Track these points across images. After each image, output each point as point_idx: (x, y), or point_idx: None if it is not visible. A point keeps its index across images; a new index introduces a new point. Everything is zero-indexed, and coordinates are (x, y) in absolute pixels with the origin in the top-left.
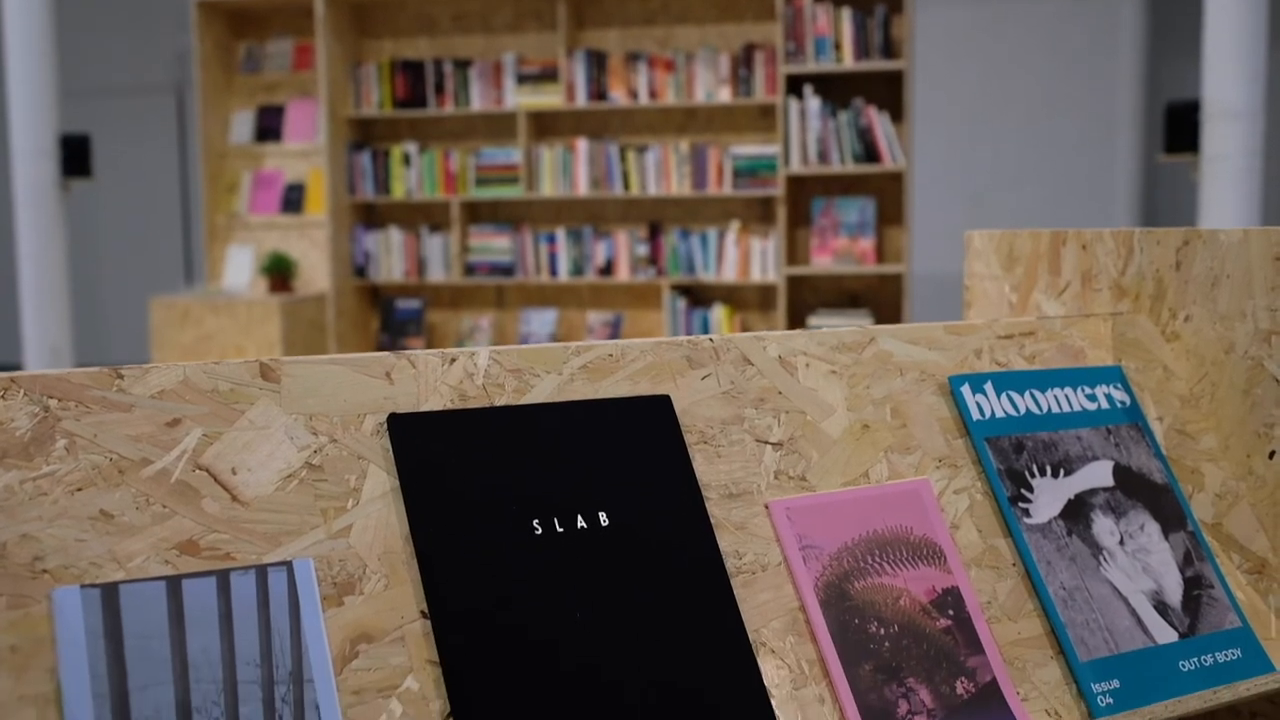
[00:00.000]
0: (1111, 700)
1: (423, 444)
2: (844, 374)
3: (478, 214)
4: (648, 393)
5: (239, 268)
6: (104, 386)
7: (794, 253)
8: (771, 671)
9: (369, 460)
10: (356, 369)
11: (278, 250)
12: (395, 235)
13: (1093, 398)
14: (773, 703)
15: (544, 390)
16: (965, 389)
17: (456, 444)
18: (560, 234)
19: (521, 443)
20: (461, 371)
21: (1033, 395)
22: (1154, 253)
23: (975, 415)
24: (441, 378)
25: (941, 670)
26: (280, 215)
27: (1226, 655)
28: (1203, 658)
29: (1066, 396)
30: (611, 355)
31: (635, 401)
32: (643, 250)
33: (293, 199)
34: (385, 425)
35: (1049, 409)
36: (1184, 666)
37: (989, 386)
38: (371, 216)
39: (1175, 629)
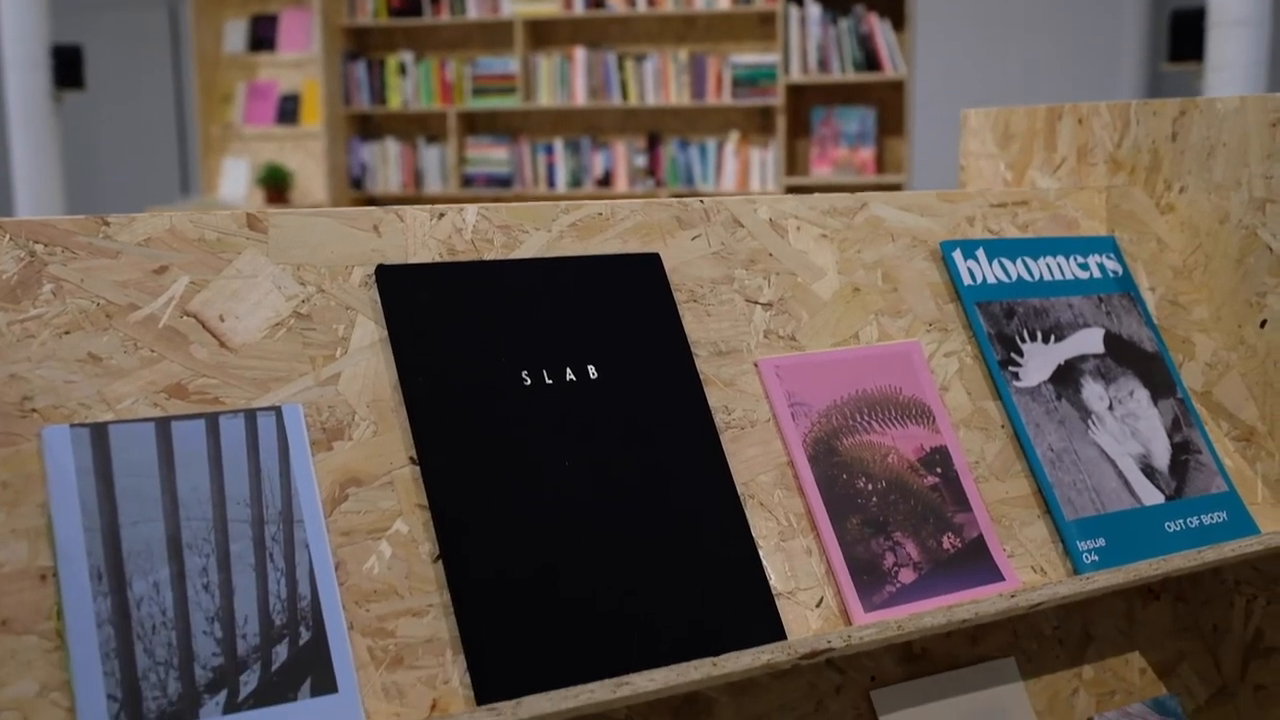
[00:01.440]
0: (1097, 558)
1: (411, 295)
2: (835, 238)
3: (475, 125)
4: (637, 251)
5: (235, 179)
6: (90, 233)
7: (793, 163)
8: (760, 523)
9: (357, 310)
10: (344, 221)
11: (273, 162)
12: (392, 147)
13: (1085, 267)
14: (760, 553)
15: (533, 246)
16: (957, 254)
17: (445, 296)
18: (558, 145)
19: (510, 296)
20: (450, 227)
21: (1024, 263)
22: (1150, 124)
23: (966, 280)
24: (430, 232)
25: (928, 525)
26: (275, 126)
27: (1212, 518)
28: (1188, 519)
29: (1059, 265)
30: (601, 214)
31: (625, 259)
32: (641, 161)
33: (288, 110)
34: (373, 277)
35: (1041, 276)
36: (1170, 527)
37: (981, 253)
38: (368, 128)
39: (1162, 491)
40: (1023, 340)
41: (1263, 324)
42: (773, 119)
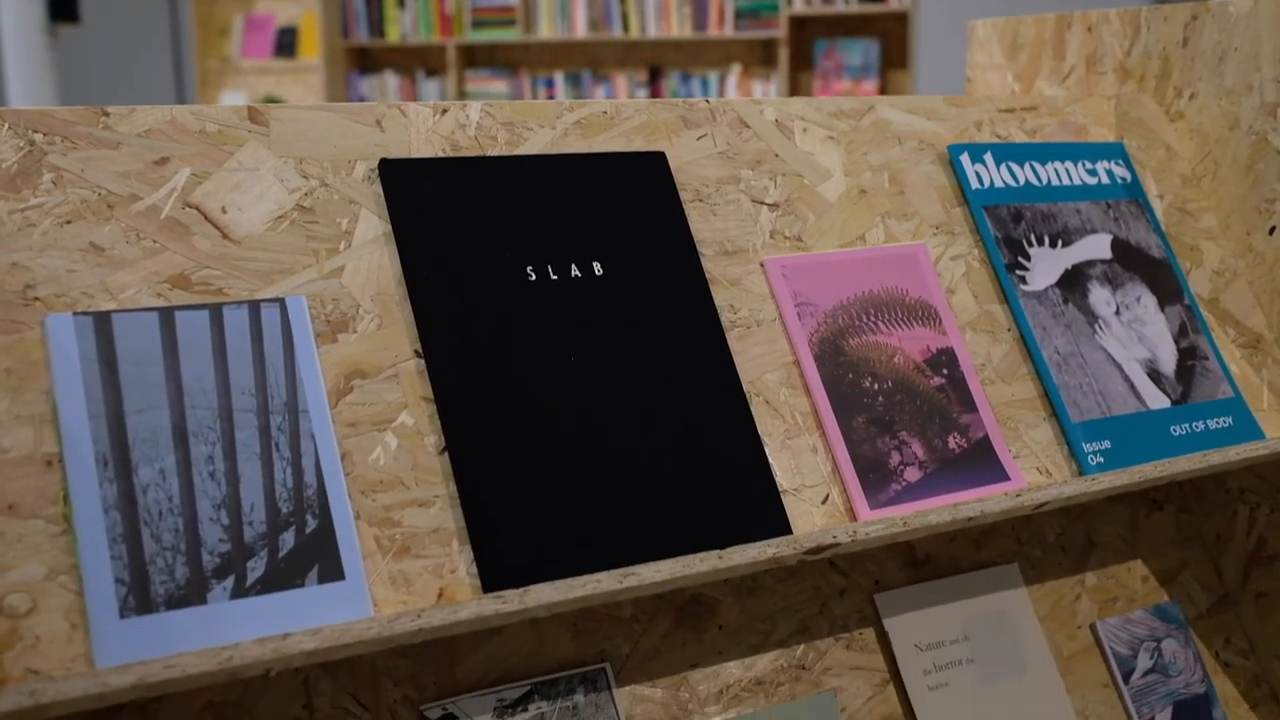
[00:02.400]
0: (1102, 459)
1: (415, 189)
2: (842, 140)
3: (474, 58)
4: (642, 150)
5: None
6: (90, 123)
7: (796, 96)
8: (765, 421)
9: (360, 205)
10: (346, 116)
11: (271, 95)
12: (391, 80)
13: (1093, 173)
14: (766, 451)
15: (537, 143)
16: (964, 158)
17: (449, 190)
18: (559, 79)
19: (514, 192)
20: (454, 123)
21: (1033, 167)
22: (1161, 30)
23: (974, 184)
24: (433, 128)
25: (934, 425)
26: (273, 60)
27: (1218, 423)
28: (1194, 424)
29: (1067, 170)
30: (606, 113)
31: (630, 157)
32: (642, 95)
33: (285, 43)
34: (376, 171)
35: (1049, 181)
36: (1175, 431)
37: (988, 157)
38: (366, 61)
39: (1168, 396)
40: (1030, 244)
41: (1271, 230)
42: (775, 51)
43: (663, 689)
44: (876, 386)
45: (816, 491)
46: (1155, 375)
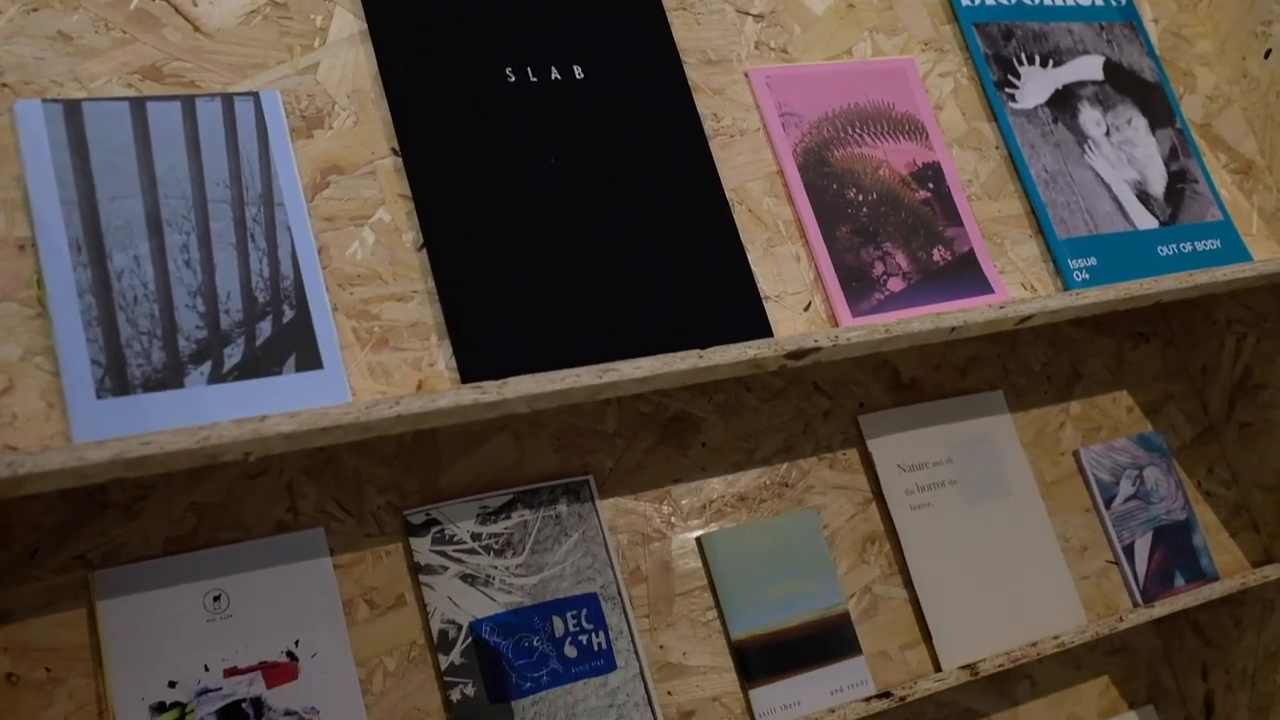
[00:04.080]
0: (1088, 276)
1: None
2: None
3: None
4: None
5: None
6: None
7: None
8: (748, 229)
9: (335, 1)
10: None
11: None
12: None
13: None
14: (749, 258)
15: None
16: None
17: None
18: None
19: None
20: None
21: None
22: None
23: (965, 0)
24: None
25: (919, 237)
26: None
27: (1206, 245)
28: (1181, 245)
29: None
30: None
31: None
32: None
33: None
34: None
35: (1041, 0)
36: (1162, 251)
37: None
38: None
39: (1156, 217)
40: (1020, 63)
41: (1267, 54)
42: None
43: (645, 502)
44: (861, 198)
45: (799, 299)
46: (1144, 196)
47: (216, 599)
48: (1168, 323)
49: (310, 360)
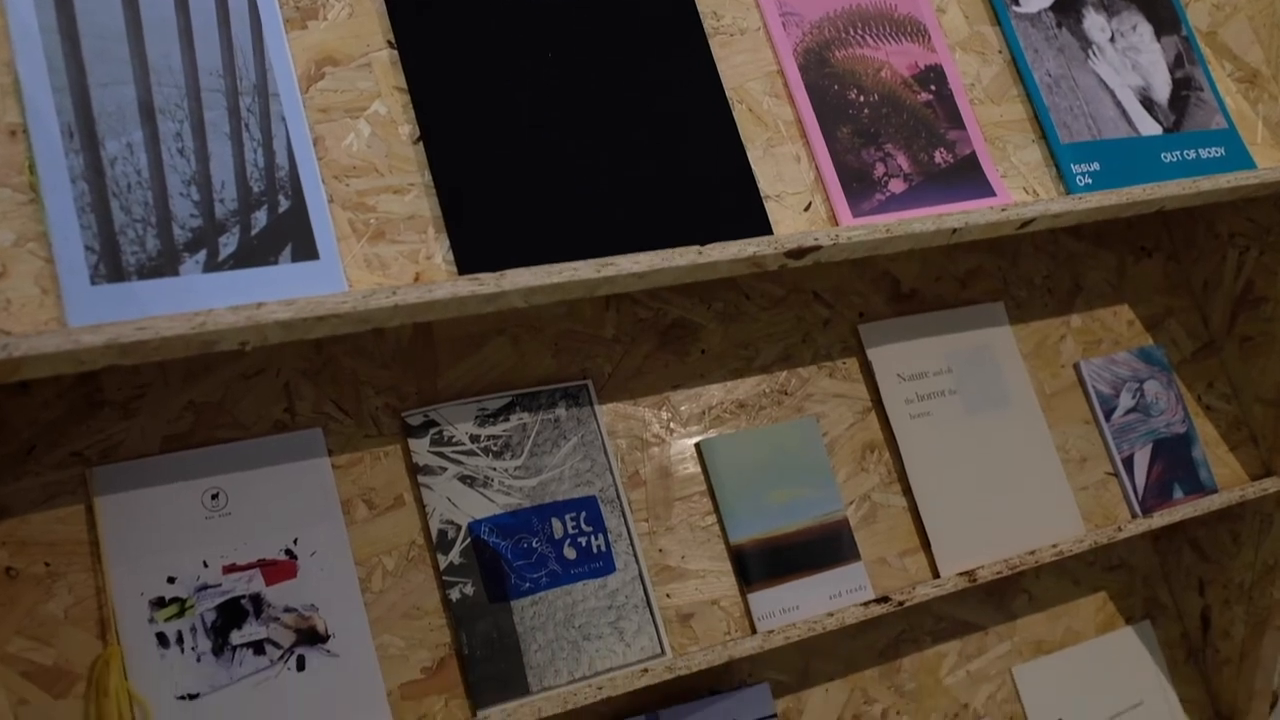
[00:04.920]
0: (1090, 181)
1: None
2: None
3: None
4: None
5: None
6: None
7: None
8: (748, 128)
9: None
10: None
11: None
12: None
13: None
14: (749, 157)
15: None
16: None
17: None
18: None
19: None
20: None
21: None
22: None
23: None
24: None
25: (920, 140)
26: None
27: (1210, 152)
28: (1185, 152)
29: None
30: None
31: None
32: None
33: None
34: None
35: None
36: (1166, 158)
37: None
38: None
39: (1160, 123)
40: None
41: None
42: None
43: (644, 407)
44: (862, 99)
45: (799, 199)
46: (1148, 103)
47: (215, 497)
48: (1170, 237)
49: (306, 251)
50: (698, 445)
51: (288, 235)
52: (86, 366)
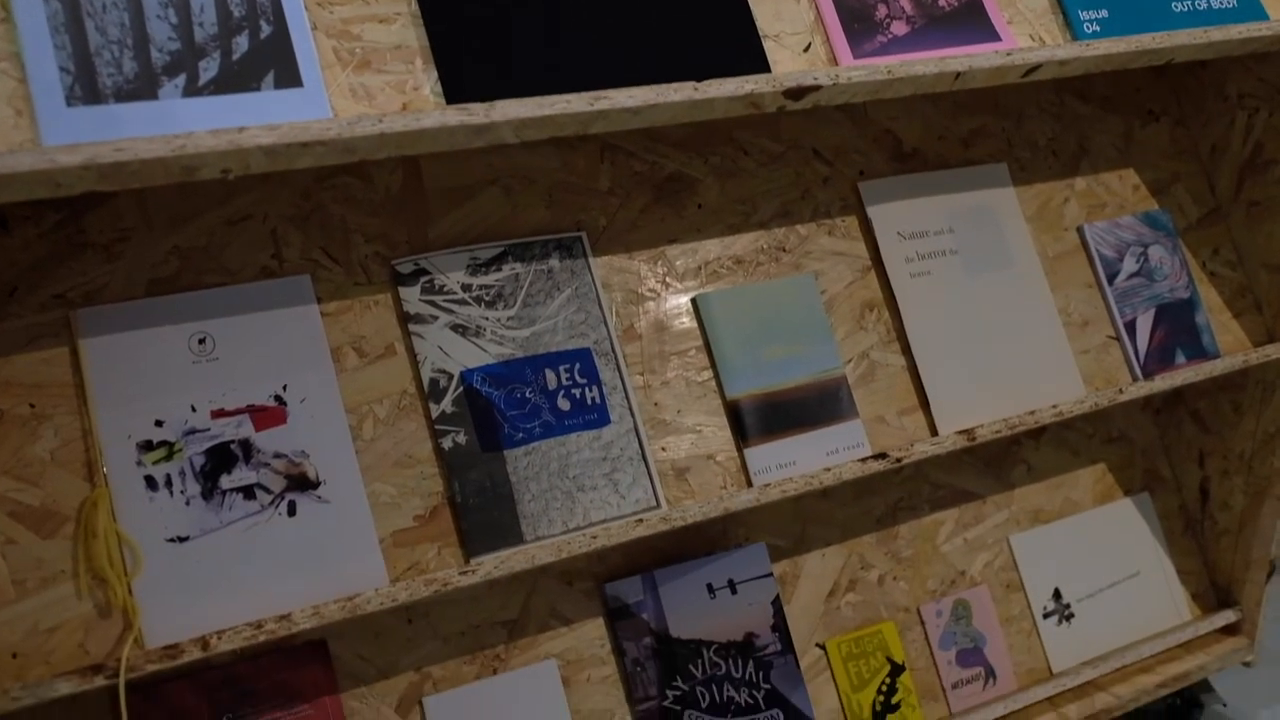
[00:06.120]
0: (1098, 28)
1: None
2: None
3: None
4: None
5: None
6: None
7: None
8: None
9: None
10: None
11: None
12: None
13: None
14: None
15: None
16: None
17: None
18: None
19: None
20: None
21: None
22: None
23: None
24: None
25: None
26: None
27: (1221, 2)
28: (1196, 1)
29: None
30: None
31: None
32: None
33: None
34: None
35: None
36: (1176, 7)
37: None
38: None
39: None
40: None
41: None
42: None
43: (640, 261)
44: None
45: (798, 40)
46: None
47: (201, 342)
48: (1177, 101)
49: (289, 78)
50: (694, 300)
51: (270, 61)
52: (64, 191)
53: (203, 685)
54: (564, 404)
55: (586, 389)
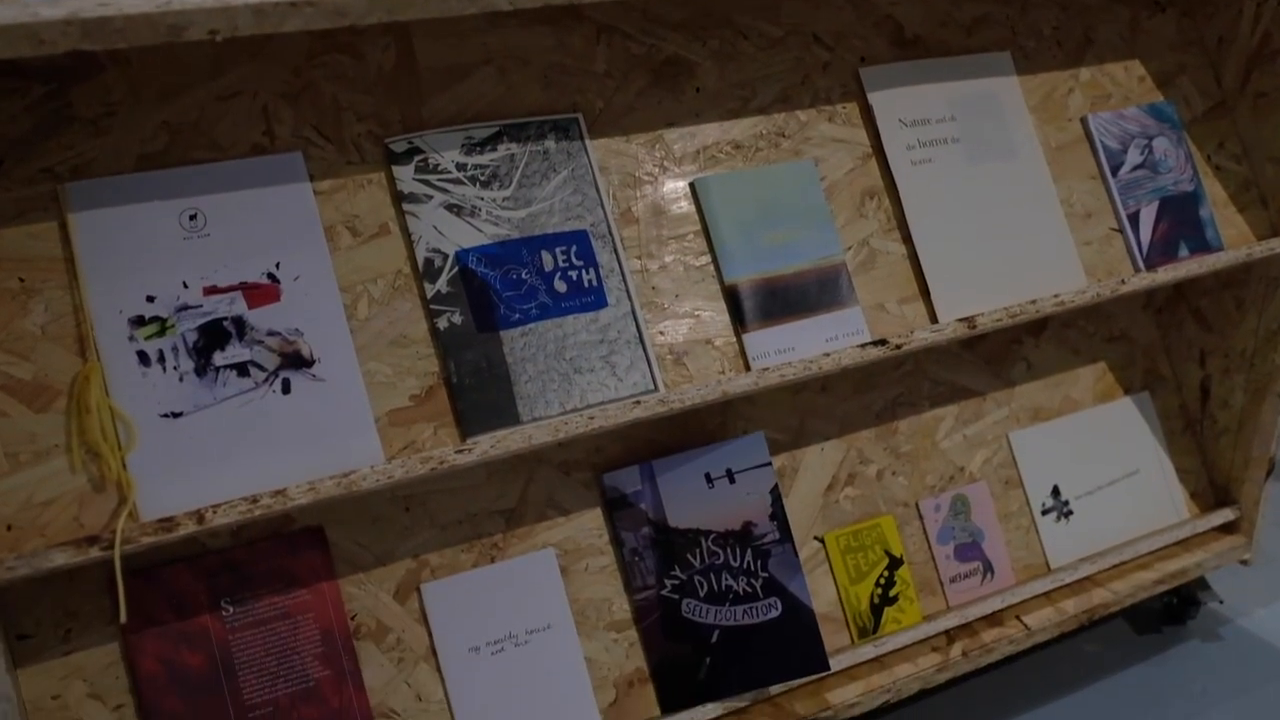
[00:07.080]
0: None
1: None
2: None
3: None
4: None
5: None
6: None
7: None
8: None
9: None
10: None
11: None
12: None
13: None
14: None
15: None
16: None
17: None
18: None
19: None
20: None
21: None
22: None
23: None
24: None
25: None
26: None
27: None
28: None
29: None
30: None
31: None
32: None
33: None
34: None
35: None
36: None
37: None
38: None
39: None
40: None
41: None
42: None
43: (637, 144)
44: None
45: None
46: None
47: (193, 218)
48: None
49: None
50: (692, 184)
51: None
52: (47, 48)
53: (201, 569)
54: (561, 286)
55: (583, 271)
